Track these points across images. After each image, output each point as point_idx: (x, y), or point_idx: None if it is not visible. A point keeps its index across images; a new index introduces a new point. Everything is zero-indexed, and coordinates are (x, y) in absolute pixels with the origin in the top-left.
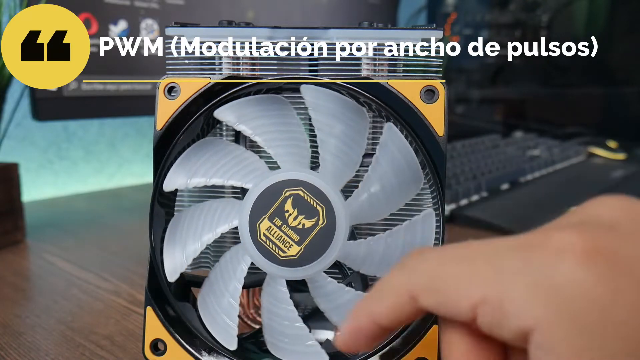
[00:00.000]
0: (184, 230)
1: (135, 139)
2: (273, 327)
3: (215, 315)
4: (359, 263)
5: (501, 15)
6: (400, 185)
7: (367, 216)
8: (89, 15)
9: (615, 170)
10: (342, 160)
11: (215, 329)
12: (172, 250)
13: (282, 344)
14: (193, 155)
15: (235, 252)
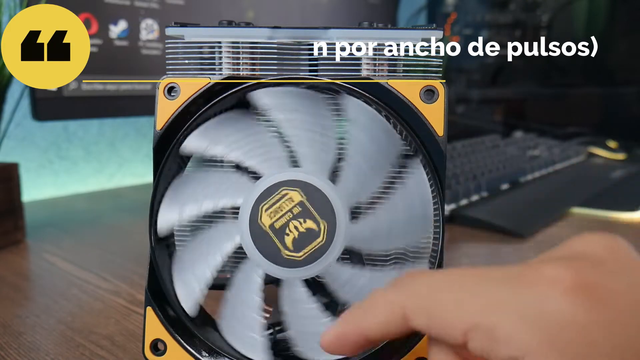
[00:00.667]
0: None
1: (135, 139)
2: (299, 330)
3: (241, 334)
4: (367, 241)
5: (501, 15)
6: (379, 148)
7: (360, 192)
8: (89, 15)
9: (615, 170)
10: (319, 149)
11: (245, 347)
12: (184, 282)
13: (314, 344)
14: (178, 188)
15: (247, 267)
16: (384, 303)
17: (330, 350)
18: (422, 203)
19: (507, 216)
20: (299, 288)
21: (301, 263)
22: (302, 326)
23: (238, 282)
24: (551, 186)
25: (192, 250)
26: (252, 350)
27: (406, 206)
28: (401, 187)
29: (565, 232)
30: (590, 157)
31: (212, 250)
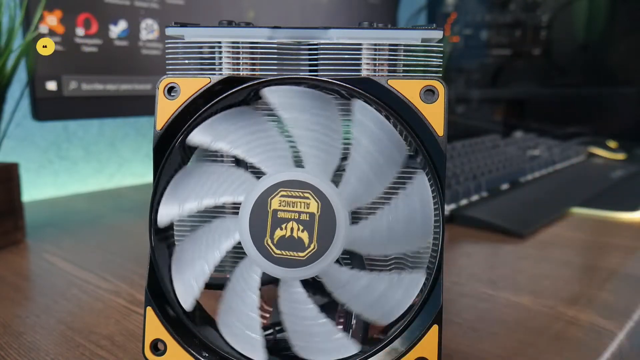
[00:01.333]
0: (189, 256)
1: (135, 139)
2: (297, 330)
3: (239, 332)
4: (366, 245)
5: (501, 15)
6: (385, 157)
7: (362, 197)
8: (89, 15)
9: (615, 170)
10: (324, 150)
11: (242, 345)
12: (182, 278)
13: (310, 344)
14: (180, 182)
15: (245, 266)
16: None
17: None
18: (423, 212)
19: (507, 216)
20: (296, 288)
21: (300, 263)
22: (299, 326)
23: (236, 280)
24: (551, 186)
25: (191, 246)
26: (249, 349)
27: (407, 215)
28: (403, 194)
29: (565, 232)
30: (590, 157)
31: (211, 246)
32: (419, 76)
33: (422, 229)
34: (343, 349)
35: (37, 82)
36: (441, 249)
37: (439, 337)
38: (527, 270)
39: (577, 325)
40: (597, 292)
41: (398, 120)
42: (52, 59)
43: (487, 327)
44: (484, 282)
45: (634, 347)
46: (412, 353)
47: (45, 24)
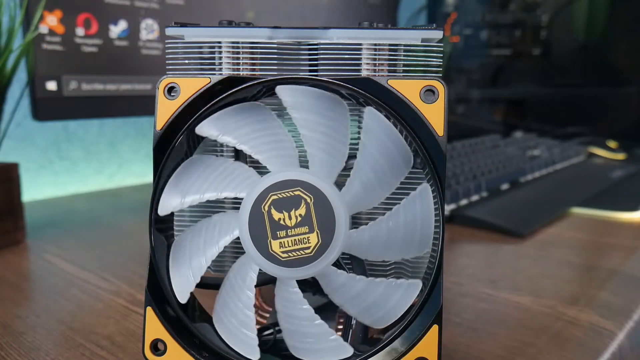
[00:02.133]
0: (187, 250)
1: (135, 139)
2: (293, 330)
3: (233, 329)
4: (364, 250)
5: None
6: (391, 166)
7: (363, 203)
8: (89, 15)
9: (615, 170)
10: (330, 153)
11: (236, 343)
12: (179, 271)
13: (304, 344)
14: (183, 174)
15: (242, 264)
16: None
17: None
18: (424, 222)
19: (507, 216)
20: (292, 288)
21: (297, 263)
22: (294, 326)
23: (233, 277)
24: (551, 186)
25: (189, 239)
26: (243, 347)
27: (407, 223)
28: (405, 203)
29: (565, 232)
30: (590, 157)
31: (209, 241)
32: (419, 76)
33: (421, 238)
34: (338, 350)
35: (37, 82)
36: (441, 249)
37: (438, 337)
38: (527, 270)
39: (577, 325)
40: (597, 292)
41: (398, 120)
42: (52, 59)
43: (487, 327)
44: (484, 282)
45: (634, 347)
46: (412, 353)
47: (45, 24)
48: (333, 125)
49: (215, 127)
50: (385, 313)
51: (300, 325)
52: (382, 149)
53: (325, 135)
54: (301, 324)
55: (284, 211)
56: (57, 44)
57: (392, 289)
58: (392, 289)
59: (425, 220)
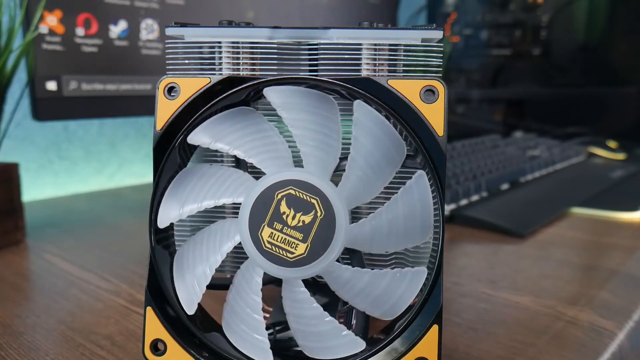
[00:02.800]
0: (190, 259)
1: (135, 139)
2: (304, 330)
3: (244, 335)
4: (367, 243)
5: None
6: (385, 156)
7: (361, 196)
8: (89, 15)
9: (615, 170)
10: (323, 150)
11: (248, 349)
12: (183, 281)
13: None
14: (179, 184)
15: (246, 268)
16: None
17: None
18: (423, 209)
19: (507, 216)
20: (299, 288)
21: (300, 263)
22: (305, 326)
23: (238, 283)
24: (551, 186)
25: (191, 249)
26: (256, 352)
27: (407, 212)
28: (402, 192)
29: (565, 232)
30: (590, 157)
31: (212, 249)
32: (419, 76)
33: (422, 225)
34: (351, 345)
35: (37, 82)
36: (441, 249)
37: (439, 337)
38: (527, 270)
39: (577, 325)
40: (597, 292)
41: (398, 120)
42: (52, 59)
43: (487, 327)
44: (484, 282)
45: (634, 347)
46: (412, 353)
47: (45, 24)
48: (323, 122)
49: (207, 134)
50: (393, 303)
51: (310, 324)
52: (374, 141)
53: (317, 133)
54: (311, 323)
55: (284, 212)
56: (57, 44)
57: (398, 279)
58: (398, 279)
59: (424, 207)
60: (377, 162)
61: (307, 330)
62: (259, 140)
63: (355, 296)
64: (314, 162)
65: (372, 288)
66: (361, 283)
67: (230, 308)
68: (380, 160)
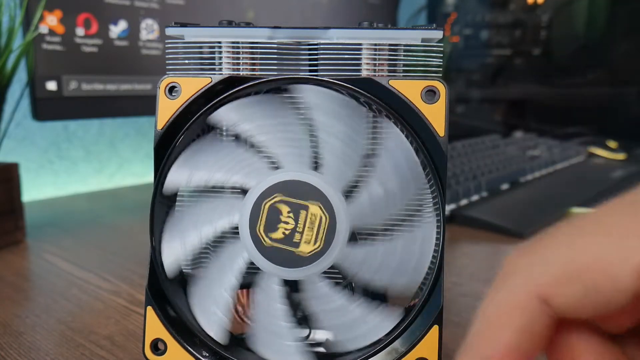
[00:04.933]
0: (184, 224)
1: (135, 139)
2: (260, 322)
3: (208, 307)
4: (355, 268)
5: (501, 15)
6: (401, 187)
7: (367, 218)
8: (89, 15)
9: (615, 170)
10: (343, 160)
11: (205, 321)
12: (171, 243)
13: (267, 340)
14: (194, 154)
15: (234, 247)
16: (505, 303)
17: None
18: (421, 258)
19: (507, 216)
20: (274, 284)
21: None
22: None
23: (222, 258)
24: (551, 186)
25: (188, 216)
26: (211, 327)
27: (404, 253)
28: (407, 234)
29: None
30: (590, 157)
31: (207, 220)
32: (420, 76)
33: (414, 271)
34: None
35: (37, 82)
36: (441, 249)
37: (439, 337)
38: None
39: None
40: None
41: (399, 120)
42: (52, 59)
43: None
44: (484, 282)
45: None
46: (412, 353)
47: (45, 24)
48: (352, 135)
49: (234, 114)
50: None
51: (269, 321)
52: (395, 166)
53: (341, 142)
54: (270, 320)
55: (288, 210)
56: (57, 44)
57: (410, 240)
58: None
59: (423, 255)
60: (393, 192)
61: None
62: (285, 133)
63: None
64: (331, 170)
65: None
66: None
67: (205, 278)
68: (396, 190)
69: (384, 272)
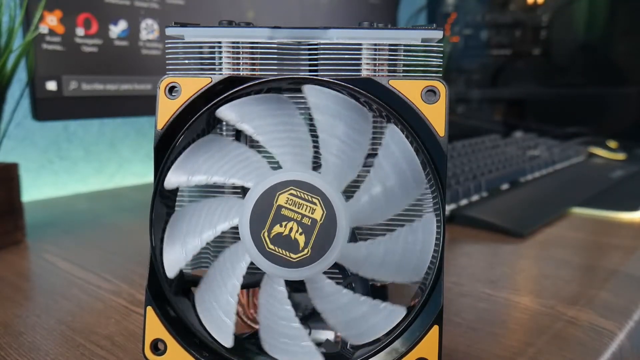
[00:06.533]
0: (184, 227)
1: (135, 139)
2: (269, 326)
3: (212, 311)
4: (358, 265)
5: (501, 15)
6: (402, 188)
7: (367, 218)
8: (89, 15)
9: (615, 170)
10: (344, 161)
11: (212, 326)
12: (172, 247)
13: (278, 343)
14: (195, 152)
15: (235, 250)
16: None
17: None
18: (422, 254)
19: (507, 216)
20: (278, 286)
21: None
22: (272, 322)
23: (223, 262)
24: (551, 186)
25: (189, 217)
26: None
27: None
28: (408, 230)
29: (565, 232)
30: (590, 157)
31: (208, 224)
32: (420, 76)
33: (416, 267)
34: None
35: (37, 82)
36: (441, 250)
37: (439, 337)
38: (527, 270)
39: (577, 325)
40: (597, 292)
41: (399, 120)
42: (52, 59)
43: (487, 327)
44: (484, 282)
45: (634, 347)
46: (412, 353)
47: (45, 24)
48: (354, 136)
49: (236, 112)
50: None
51: (277, 323)
52: (396, 169)
53: (343, 143)
54: (279, 322)
55: (287, 210)
56: (57, 44)
57: (411, 235)
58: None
59: (424, 251)
60: (393, 191)
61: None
62: (286, 133)
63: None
64: (332, 170)
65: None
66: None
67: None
68: (397, 190)
69: (385, 270)
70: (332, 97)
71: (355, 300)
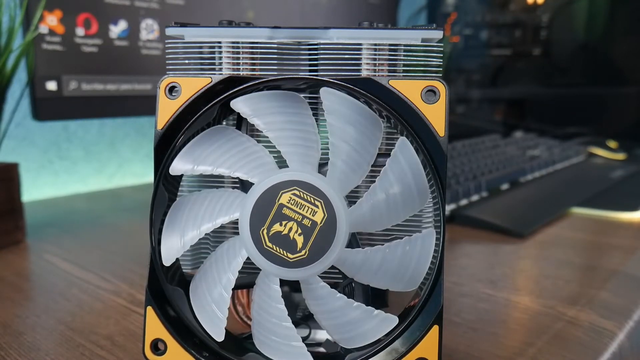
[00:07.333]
0: (184, 217)
1: (135, 139)
2: (261, 323)
3: (205, 304)
4: (354, 270)
5: (501, 15)
6: (405, 199)
7: (367, 225)
8: (89, 15)
9: (615, 170)
10: (351, 166)
11: (204, 318)
12: (170, 236)
13: (268, 340)
14: (203, 142)
15: (233, 244)
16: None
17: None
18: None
19: (507, 216)
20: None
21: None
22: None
23: (220, 256)
24: (551, 186)
25: (189, 207)
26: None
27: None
28: (407, 242)
29: (565, 232)
30: (590, 157)
31: (207, 216)
32: (420, 76)
33: (411, 278)
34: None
35: (37, 82)
36: (442, 250)
37: (439, 337)
38: (527, 270)
39: (577, 325)
40: (597, 292)
41: (399, 120)
42: (52, 59)
43: (487, 327)
44: (484, 282)
45: (634, 347)
46: (412, 353)
47: (45, 24)
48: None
49: (250, 106)
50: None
51: (269, 321)
52: (402, 181)
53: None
54: (271, 320)
55: (289, 210)
56: (57, 44)
57: (410, 247)
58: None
59: (421, 262)
60: (396, 202)
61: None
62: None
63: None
64: (338, 174)
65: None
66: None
67: (203, 274)
68: (400, 201)
69: (381, 277)
70: (346, 102)
71: (349, 305)
